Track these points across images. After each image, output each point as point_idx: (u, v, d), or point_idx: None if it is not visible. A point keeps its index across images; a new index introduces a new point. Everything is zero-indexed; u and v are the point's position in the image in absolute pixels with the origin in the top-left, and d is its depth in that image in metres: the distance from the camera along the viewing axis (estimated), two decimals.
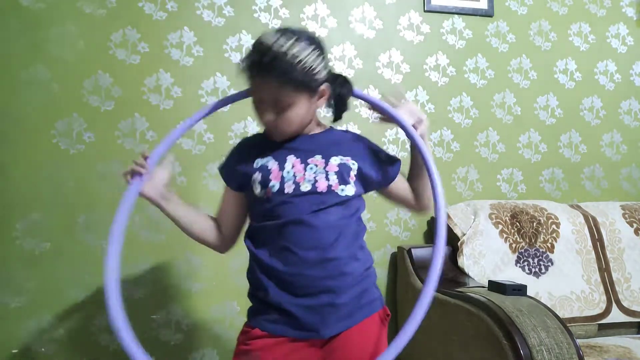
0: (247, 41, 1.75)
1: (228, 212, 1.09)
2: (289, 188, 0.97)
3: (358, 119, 1.84)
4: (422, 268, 1.65)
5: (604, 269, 1.71)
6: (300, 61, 0.92)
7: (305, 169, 0.99)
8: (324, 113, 1.13)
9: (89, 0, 1.64)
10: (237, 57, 1.75)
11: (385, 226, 1.85)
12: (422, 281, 1.58)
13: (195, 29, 1.72)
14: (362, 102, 1.84)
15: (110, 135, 1.63)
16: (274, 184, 0.98)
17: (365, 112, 1.85)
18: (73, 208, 1.60)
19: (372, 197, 1.83)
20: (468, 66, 1.96)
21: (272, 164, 1.00)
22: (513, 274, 1.61)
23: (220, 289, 1.68)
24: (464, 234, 1.66)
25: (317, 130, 1.07)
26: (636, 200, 2.05)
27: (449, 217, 1.73)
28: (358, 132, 1.19)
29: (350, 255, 1.00)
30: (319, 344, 0.97)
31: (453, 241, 1.69)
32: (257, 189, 0.99)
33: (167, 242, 1.65)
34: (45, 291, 1.56)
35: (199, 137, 1.70)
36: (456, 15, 1.96)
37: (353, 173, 1.01)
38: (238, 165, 1.04)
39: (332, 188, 0.98)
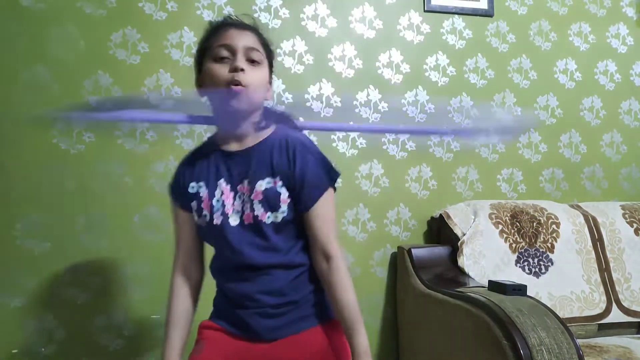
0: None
1: (187, 240, 1.06)
2: (217, 219, 0.96)
3: (358, 120, 1.84)
4: (422, 268, 1.65)
5: (604, 269, 1.71)
6: (268, 38, 1.02)
7: (234, 198, 0.96)
8: None
9: (89, 0, 1.64)
10: None
11: (385, 226, 1.85)
12: (423, 281, 1.58)
13: (195, 29, 1.72)
14: (363, 102, 1.85)
15: (110, 135, 1.63)
16: (205, 213, 0.97)
17: (365, 112, 1.85)
18: (73, 208, 1.60)
19: (372, 197, 1.84)
20: (468, 66, 1.97)
21: (203, 191, 0.99)
22: (513, 274, 1.61)
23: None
24: (464, 234, 1.66)
25: (255, 140, 0.99)
26: (636, 200, 2.05)
27: (449, 217, 1.73)
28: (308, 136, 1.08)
29: (294, 286, 0.99)
30: (257, 343, 0.98)
31: (453, 241, 1.68)
32: (196, 217, 1.00)
33: (167, 242, 1.65)
34: (45, 291, 1.56)
35: (199, 137, 1.70)
36: (456, 15, 1.96)
37: (283, 197, 0.95)
38: (181, 185, 1.03)
39: (259, 218, 0.95)
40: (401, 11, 1.91)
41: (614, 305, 1.65)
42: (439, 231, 1.80)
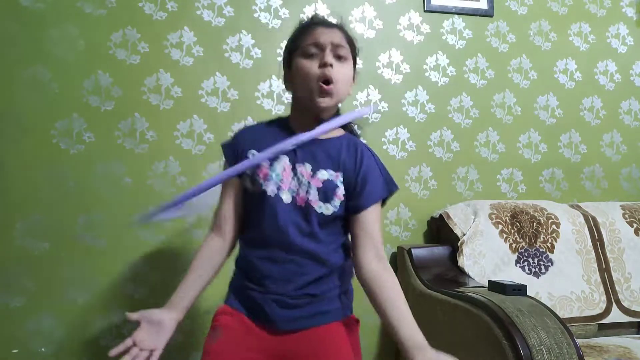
0: (247, 41, 1.75)
1: (227, 203, 1.05)
2: (270, 191, 0.98)
3: (357, 120, 1.84)
4: (422, 268, 1.65)
5: (604, 269, 1.71)
6: (354, 36, 1.07)
7: (292, 177, 0.99)
8: None
9: (89, 0, 1.64)
10: (237, 57, 1.75)
11: (386, 226, 1.85)
12: (423, 281, 1.58)
13: (195, 29, 1.72)
14: (362, 102, 1.85)
15: (110, 135, 1.63)
16: (261, 181, 0.99)
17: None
18: (73, 208, 1.60)
19: None
20: (468, 66, 1.97)
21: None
22: (513, 274, 1.61)
23: (220, 289, 1.68)
24: (464, 234, 1.66)
25: (327, 135, 1.04)
26: (636, 200, 2.05)
27: (449, 217, 1.73)
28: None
29: (318, 282, 1.00)
30: (273, 333, 0.99)
31: (453, 241, 1.69)
32: (248, 183, 1.00)
33: (167, 242, 1.65)
34: (45, 291, 1.56)
35: (199, 137, 1.70)
36: (456, 15, 1.96)
37: (339, 192, 1.00)
38: (240, 150, 1.03)
39: (310, 203, 0.98)
40: (401, 11, 1.91)
41: (614, 305, 1.65)
42: (439, 231, 1.80)
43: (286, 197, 0.99)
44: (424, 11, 1.93)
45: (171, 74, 1.69)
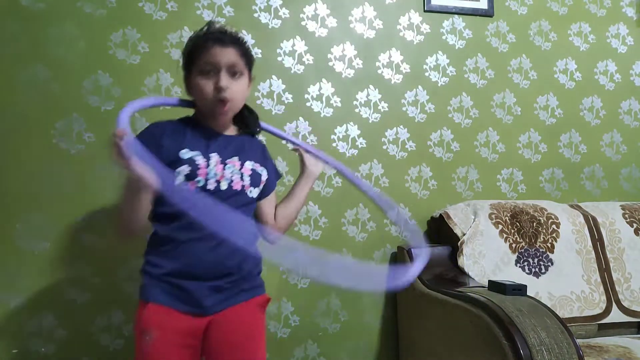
0: (247, 41, 1.75)
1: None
2: (211, 185, 1.08)
3: (358, 119, 1.84)
4: None
5: (604, 269, 1.71)
6: (248, 46, 1.15)
7: (224, 169, 1.10)
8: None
9: (89, 0, 1.64)
10: None
11: (385, 226, 1.85)
12: (422, 281, 1.58)
13: (195, 29, 1.70)
14: (362, 103, 1.85)
15: (110, 135, 1.63)
16: (200, 179, 1.06)
17: (365, 112, 1.85)
18: (73, 208, 1.60)
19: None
20: (468, 66, 1.97)
21: (200, 159, 1.07)
22: (513, 274, 1.61)
23: None
24: (464, 234, 1.66)
25: (232, 132, 1.19)
26: (636, 200, 2.06)
27: (449, 217, 1.73)
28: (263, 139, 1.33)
29: (248, 259, 1.12)
30: (200, 315, 1.07)
31: (453, 241, 1.69)
32: (179, 180, 1.05)
33: None
34: (45, 291, 1.56)
35: None
36: (456, 15, 1.96)
37: (263, 179, 1.18)
38: (165, 142, 1.07)
39: (245, 189, 1.13)
40: (401, 11, 1.91)
41: (614, 305, 1.65)
42: (439, 231, 1.80)
43: (223, 185, 1.09)
44: (424, 11, 1.93)
45: (171, 74, 1.69)
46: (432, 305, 1.49)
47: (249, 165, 1.15)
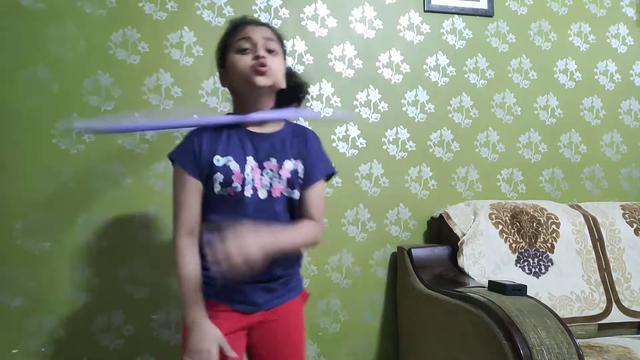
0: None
1: (195, 207, 1.08)
2: (248, 192, 1.06)
3: (358, 119, 1.84)
4: (422, 268, 1.65)
5: (604, 269, 1.71)
6: (281, 33, 1.15)
7: (261, 174, 1.08)
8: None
9: (89, 0, 1.64)
10: None
11: (385, 226, 1.85)
12: (423, 281, 1.58)
13: (195, 29, 1.72)
14: (362, 103, 1.85)
15: (110, 135, 1.63)
16: (236, 185, 1.05)
17: (365, 112, 1.85)
18: (73, 208, 1.60)
19: (372, 197, 1.83)
20: (468, 66, 1.97)
21: (233, 165, 1.06)
22: (513, 274, 1.61)
23: None
24: (464, 234, 1.66)
25: (273, 129, 1.13)
26: (636, 200, 2.05)
27: (449, 217, 1.73)
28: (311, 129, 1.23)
29: (294, 260, 1.15)
30: (251, 312, 1.10)
31: (453, 241, 1.69)
32: (217, 188, 1.05)
33: (167, 242, 1.65)
34: (45, 291, 1.56)
35: None
36: (456, 15, 1.96)
37: (300, 176, 1.11)
38: (199, 153, 1.07)
39: (284, 192, 1.09)
40: (401, 11, 1.91)
41: (614, 306, 1.65)
42: (439, 231, 1.80)
43: (262, 194, 1.07)
44: (424, 11, 1.93)
45: (171, 74, 1.69)
46: (432, 305, 1.49)
47: (288, 165, 1.10)
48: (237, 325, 1.09)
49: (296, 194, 1.10)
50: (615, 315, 1.63)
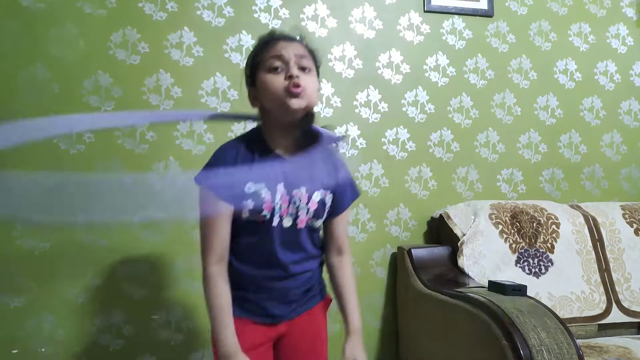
0: (247, 41, 1.75)
1: (225, 233, 1.04)
2: (275, 221, 1.03)
3: (358, 119, 1.84)
4: (422, 268, 1.65)
5: (604, 269, 1.71)
6: (314, 47, 1.09)
7: (289, 202, 1.04)
8: None
9: (89, 0, 1.64)
10: (237, 57, 1.75)
11: (385, 226, 1.85)
12: (422, 281, 1.58)
13: (195, 29, 1.72)
14: (362, 103, 1.85)
15: (110, 135, 1.63)
16: (266, 213, 1.02)
17: (365, 112, 1.85)
18: (73, 208, 1.60)
19: (372, 197, 1.84)
20: (468, 66, 1.97)
21: (265, 192, 1.01)
22: (513, 274, 1.61)
23: None
24: (464, 234, 1.66)
25: (302, 152, 1.06)
26: (636, 200, 2.05)
27: (449, 217, 1.73)
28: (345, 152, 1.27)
29: (313, 268, 1.13)
30: (273, 324, 1.09)
31: (453, 241, 1.69)
32: (246, 214, 1.02)
33: (167, 242, 1.65)
34: (45, 291, 1.56)
35: (198, 137, 1.70)
36: (456, 16, 1.96)
37: (327, 206, 1.09)
38: (230, 177, 1.03)
39: (308, 223, 1.07)
40: (401, 11, 1.91)
41: (614, 306, 1.65)
42: (439, 231, 1.80)
43: (287, 222, 1.04)
44: (424, 11, 1.93)
45: (171, 74, 1.69)
46: (432, 306, 1.49)
47: (316, 197, 1.06)
48: (262, 339, 1.08)
49: (319, 223, 1.10)
50: (615, 316, 1.63)
